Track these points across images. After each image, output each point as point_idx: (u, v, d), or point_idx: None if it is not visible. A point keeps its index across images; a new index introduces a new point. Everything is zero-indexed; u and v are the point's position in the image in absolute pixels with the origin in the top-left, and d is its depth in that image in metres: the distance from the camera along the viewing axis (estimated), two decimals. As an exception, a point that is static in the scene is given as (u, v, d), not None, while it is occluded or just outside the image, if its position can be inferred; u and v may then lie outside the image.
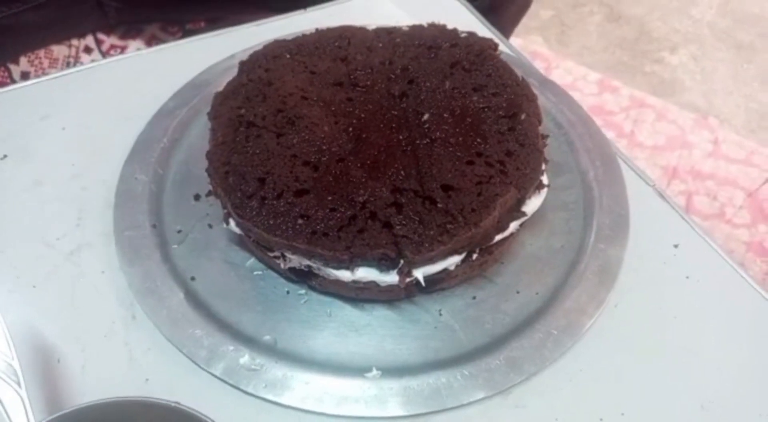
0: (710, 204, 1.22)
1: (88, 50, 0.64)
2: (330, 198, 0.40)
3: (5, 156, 0.52)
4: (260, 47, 0.51)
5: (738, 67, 1.56)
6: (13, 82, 0.61)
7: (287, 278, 0.44)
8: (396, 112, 0.45)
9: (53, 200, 0.49)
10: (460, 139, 0.43)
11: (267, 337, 0.41)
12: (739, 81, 1.52)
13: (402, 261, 0.39)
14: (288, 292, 0.44)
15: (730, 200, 1.22)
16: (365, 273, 0.40)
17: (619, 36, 1.64)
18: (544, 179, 0.45)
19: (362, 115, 0.45)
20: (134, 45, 0.65)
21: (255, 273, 0.45)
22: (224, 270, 0.45)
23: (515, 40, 0.87)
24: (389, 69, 0.48)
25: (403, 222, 0.39)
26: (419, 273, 0.40)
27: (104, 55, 0.64)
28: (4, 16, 0.56)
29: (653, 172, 1.27)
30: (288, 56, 0.49)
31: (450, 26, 0.52)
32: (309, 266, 0.41)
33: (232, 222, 0.43)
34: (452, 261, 0.41)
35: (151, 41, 0.65)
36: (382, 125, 0.44)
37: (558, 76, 1.47)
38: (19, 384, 0.33)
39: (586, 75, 1.49)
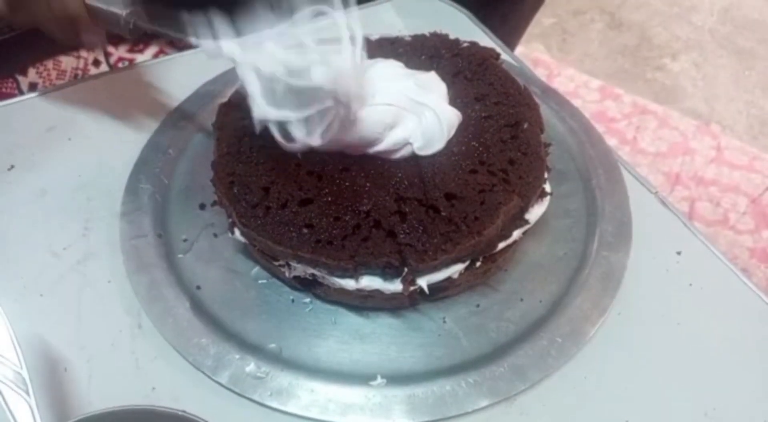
0: (713, 210, 1.22)
1: (96, 63, 0.64)
2: (334, 207, 0.40)
3: (12, 166, 0.52)
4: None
5: (739, 74, 1.56)
6: (21, 93, 0.61)
7: (292, 287, 0.45)
8: (399, 122, 0.46)
9: (59, 210, 0.50)
10: (463, 148, 0.43)
11: (272, 345, 0.42)
12: (741, 87, 1.52)
13: (406, 270, 0.39)
14: (293, 301, 0.44)
15: (733, 206, 1.22)
16: (369, 282, 0.40)
17: (621, 43, 1.64)
18: (547, 187, 0.45)
19: (366, 125, 0.45)
20: (142, 58, 0.65)
21: (260, 281, 0.45)
22: (229, 279, 0.45)
23: (516, 48, 0.88)
24: (392, 79, 0.49)
25: (407, 230, 0.39)
26: (423, 282, 0.40)
27: (112, 67, 0.65)
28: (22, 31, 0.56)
29: (656, 178, 1.27)
30: (292, 67, 0.50)
31: (452, 36, 0.52)
32: (314, 275, 0.41)
33: (237, 232, 0.43)
34: (456, 270, 0.41)
35: (158, 55, 0.66)
36: (385, 134, 0.45)
37: (560, 84, 1.47)
38: (27, 393, 0.34)
39: (587, 82, 1.49)
